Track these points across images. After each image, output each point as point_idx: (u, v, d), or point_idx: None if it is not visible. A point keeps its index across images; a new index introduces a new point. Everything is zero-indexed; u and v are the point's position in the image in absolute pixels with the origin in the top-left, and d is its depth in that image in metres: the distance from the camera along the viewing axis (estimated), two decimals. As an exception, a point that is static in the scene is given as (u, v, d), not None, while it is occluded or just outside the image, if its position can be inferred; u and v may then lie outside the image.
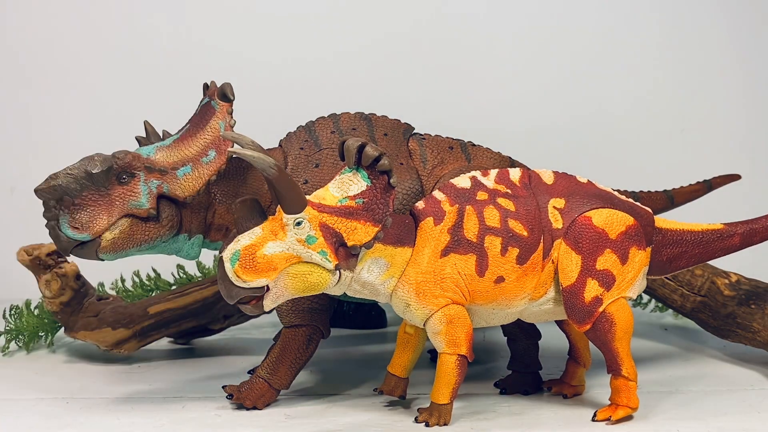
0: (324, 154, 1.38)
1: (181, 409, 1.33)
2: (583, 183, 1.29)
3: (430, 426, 1.22)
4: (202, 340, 1.72)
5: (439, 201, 1.24)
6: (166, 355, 1.66)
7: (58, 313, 1.59)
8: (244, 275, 1.12)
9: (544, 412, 1.29)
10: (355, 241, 1.16)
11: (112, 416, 1.30)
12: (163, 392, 1.42)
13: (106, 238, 1.28)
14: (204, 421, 1.27)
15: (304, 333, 1.34)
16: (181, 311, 1.62)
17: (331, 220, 1.15)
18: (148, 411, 1.33)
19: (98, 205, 1.27)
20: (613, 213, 1.25)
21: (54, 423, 1.28)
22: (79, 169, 1.27)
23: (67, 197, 1.26)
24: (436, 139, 1.44)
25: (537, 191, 1.26)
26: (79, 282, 1.59)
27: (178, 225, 1.32)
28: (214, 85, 1.36)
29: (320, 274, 1.15)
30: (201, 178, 1.31)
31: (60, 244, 1.28)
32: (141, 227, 1.29)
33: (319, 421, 1.27)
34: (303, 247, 1.14)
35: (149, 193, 1.29)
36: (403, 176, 1.37)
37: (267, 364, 1.34)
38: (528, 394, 1.38)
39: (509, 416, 1.28)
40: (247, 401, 1.32)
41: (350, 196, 1.17)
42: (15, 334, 1.68)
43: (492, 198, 1.24)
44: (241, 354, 1.65)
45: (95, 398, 1.39)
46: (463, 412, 1.29)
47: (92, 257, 1.29)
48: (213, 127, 1.33)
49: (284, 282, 1.14)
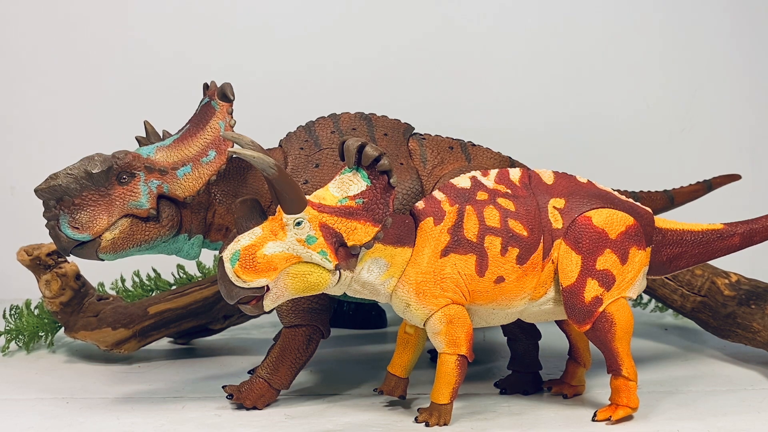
0: (324, 154, 1.38)
1: (181, 409, 1.33)
2: (583, 183, 1.29)
3: (430, 426, 1.22)
4: (202, 340, 1.72)
5: (439, 201, 1.24)
6: (166, 355, 1.66)
7: (58, 313, 1.59)
8: (244, 275, 1.12)
9: (544, 412, 1.29)
10: (355, 241, 1.16)
11: (112, 416, 1.30)
12: (163, 392, 1.42)
13: (106, 238, 1.28)
14: (204, 421, 1.27)
15: (304, 333, 1.34)
16: (181, 311, 1.63)
17: (331, 220, 1.15)
18: (148, 411, 1.33)
19: (98, 205, 1.27)
20: (613, 213, 1.25)
21: (54, 423, 1.28)
22: (79, 169, 1.27)
23: (67, 197, 1.26)
24: (436, 139, 1.44)
25: (537, 191, 1.26)
26: (79, 282, 1.59)
27: (178, 225, 1.32)
28: (214, 85, 1.36)
29: (320, 274, 1.15)
30: (201, 178, 1.31)
31: (60, 244, 1.28)
32: (141, 227, 1.29)
33: (319, 421, 1.27)
34: (303, 247, 1.14)
35: (149, 193, 1.29)
36: (403, 176, 1.37)
37: (267, 364, 1.34)
38: (528, 394, 1.38)
39: (509, 416, 1.28)
40: (247, 401, 1.32)
41: (350, 196, 1.17)
42: (15, 334, 1.68)
43: (492, 198, 1.24)
44: (241, 354, 1.65)
45: (95, 398, 1.39)
46: (463, 412, 1.29)
47: (92, 257, 1.29)
48: (213, 127, 1.33)
49: (284, 282, 1.14)
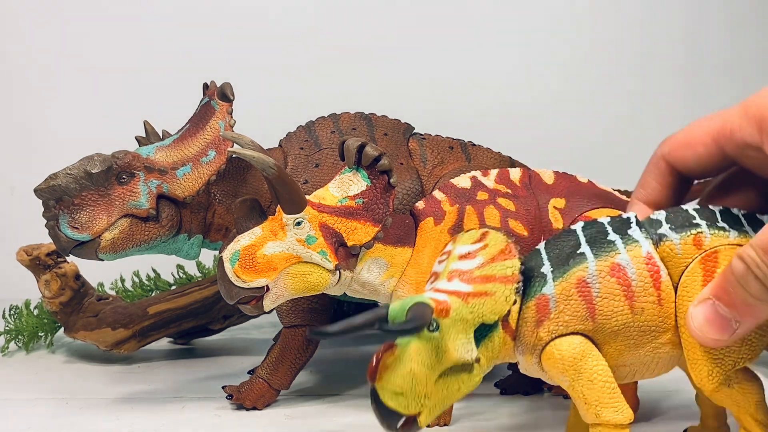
0: (324, 154, 1.38)
1: (181, 409, 1.33)
2: (584, 183, 1.29)
3: (431, 426, 1.22)
4: (202, 340, 1.73)
5: (439, 201, 1.24)
6: (166, 356, 1.66)
7: (58, 313, 1.59)
8: (244, 275, 1.12)
9: (544, 413, 1.30)
10: (355, 241, 1.16)
11: (112, 416, 1.31)
12: (162, 392, 1.42)
13: (106, 238, 1.28)
14: (204, 422, 1.28)
15: (304, 333, 1.34)
16: (181, 311, 1.63)
17: (331, 220, 1.15)
18: (147, 411, 1.33)
19: (98, 205, 1.27)
20: (613, 213, 1.24)
21: (54, 423, 1.28)
22: (78, 169, 1.27)
23: (67, 197, 1.26)
24: (436, 139, 1.44)
25: (537, 191, 1.26)
26: (78, 282, 1.60)
27: (178, 225, 1.32)
28: (214, 85, 1.36)
29: (320, 274, 1.15)
30: (201, 178, 1.31)
31: (59, 244, 1.28)
32: (141, 227, 1.29)
33: (319, 422, 1.27)
34: (303, 247, 1.14)
35: (149, 193, 1.29)
36: (404, 176, 1.37)
37: (267, 365, 1.34)
38: (528, 395, 1.38)
39: (510, 417, 1.28)
40: (247, 401, 1.32)
41: (350, 196, 1.17)
42: (15, 335, 1.69)
43: (492, 198, 1.24)
44: (241, 354, 1.65)
45: (95, 398, 1.40)
46: (463, 412, 1.29)
47: (92, 257, 1.29)
48: (213, 127, 1.34)
49: (284, 282, 1.14)
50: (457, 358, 0.92)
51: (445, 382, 0.92)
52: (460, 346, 0.93)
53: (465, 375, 0.93)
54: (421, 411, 0.91)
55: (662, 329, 0.99)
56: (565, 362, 0.97)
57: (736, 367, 0.98)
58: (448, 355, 0.91)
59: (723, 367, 0.98)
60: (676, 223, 1.01)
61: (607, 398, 0.97)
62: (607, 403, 0.97)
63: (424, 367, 0.90)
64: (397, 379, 0.90)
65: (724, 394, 0.99)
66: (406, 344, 0.91)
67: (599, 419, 0.97)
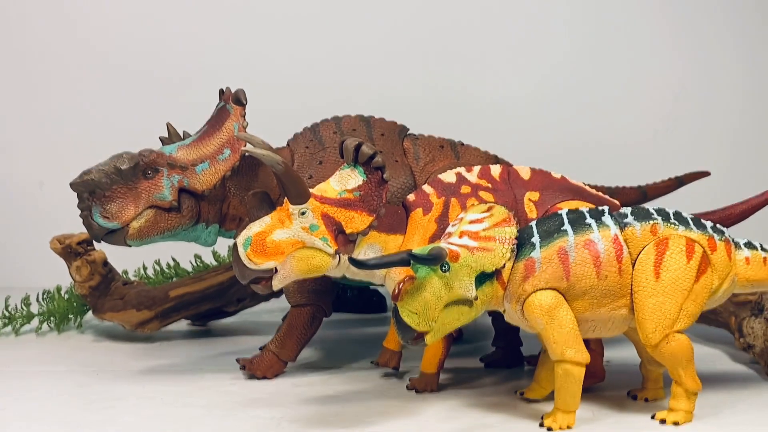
0: (327, 152, 1.51)
1: (199, 380, 1.47)
2: (557, 178, 1.41)
3: (418, 392, 1.37)
4: (218, 322, 1.86)
5: (428, 194, 1.36)
6: (185, 335, 1.80)
7: (87, 296, 1.74)
8: (256, 258, 1.23)
9: (522, 383, 1.42)
10: (353, 229, 1.28)
11: (137, 385, 1.44)
12: (182, 365, 1.56)
13: (133, 227, 1.43)
14: (220, 389, 1.41)
15: (309, 311, 1.48)
16: (199, 294, 1.77)
17: (332, 210, 1.27)
18: (169, 381, 1.46)
19: (126, 197, 1.42)
20: (582, 204, 1.36)
21: (86, 390, 1.42)
22: (109, 165, 1.42)
23: (99, 190, 1.41)
24: (428, 138, 1.56)
25: (515, 185, 1.38)
26: (106, 268, 1.74)
27: (197, 215, 1.47)
28: (229, 91, 1.50)
29: (322, 257, 1.26)
30: (217, 174, 1.46)
31: (92, 232, 1.43)
32: (164, 217, 1.44)
33: (322, 389, 1.40)
34: (307, 233, 1.25)
35: (171, 187, 1.44)
36: (398, 172, 1.50)
37: (276, 339, 1.48)
38: (510, 368, 1.51)
39: (492, 386, 1.42)
40: (258, 372, 1.46)
41: (348, 189, 1.29)
42: (47, 316, 1.83)
43: (474, 191, 1.36)
44: (253, 334, 1.78)
45: (122, 370, 1.53)
46: (450, 383, 1.43)
47: (121, 243, 1.44)
48: (228, 128, 1.48)
49: (291, 264, 1.25)
50: (460, 294, 1.16)
51: (450, 311, 1.16)
52: (464, 285, 1.16)
53: (465, 308, 1.17)
54: (429, 331, 1.15)
55: (620, 294, 1.22)
56: (543, 309, 1.20)
57: (674, 328, 1.21)
58: (454, 290, 1.15)
59: (663, 325, 1.20)
60: (639, 215, 1.24)
61: (572, 341, 1.19)
62: (571, 345, 1.19)
63: (435, 297, 1.14)
64: (413, 302, 1.14)
65: (663, 349, 1.21)
66: (424, 277, 1.15)
67: (564, 357, 1.19)
